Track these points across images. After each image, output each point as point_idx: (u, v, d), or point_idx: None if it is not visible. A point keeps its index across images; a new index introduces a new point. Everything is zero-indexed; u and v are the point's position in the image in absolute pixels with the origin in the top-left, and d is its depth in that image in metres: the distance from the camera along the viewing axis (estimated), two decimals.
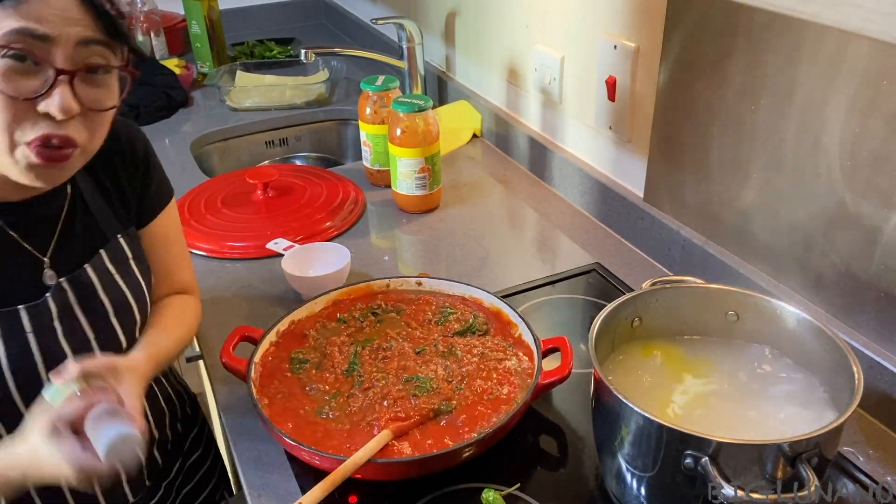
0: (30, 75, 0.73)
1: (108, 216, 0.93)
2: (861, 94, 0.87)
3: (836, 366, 0.78)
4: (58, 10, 0.72)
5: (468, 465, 0.87)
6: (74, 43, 0.74)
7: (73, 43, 0.74)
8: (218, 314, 1.19)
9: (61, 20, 0.73)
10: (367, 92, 1.51)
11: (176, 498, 1.10)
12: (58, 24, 0.72)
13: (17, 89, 0.72)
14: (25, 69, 0.72)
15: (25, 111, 0.73)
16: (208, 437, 1.22)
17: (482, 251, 1.35)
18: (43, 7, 0.72)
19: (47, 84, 0.73)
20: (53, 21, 0.72)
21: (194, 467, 1.16)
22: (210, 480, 1.20)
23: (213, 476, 1.21)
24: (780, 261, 1.04)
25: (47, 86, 0.73)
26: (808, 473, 0.68)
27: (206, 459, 1.19)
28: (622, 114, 1.30)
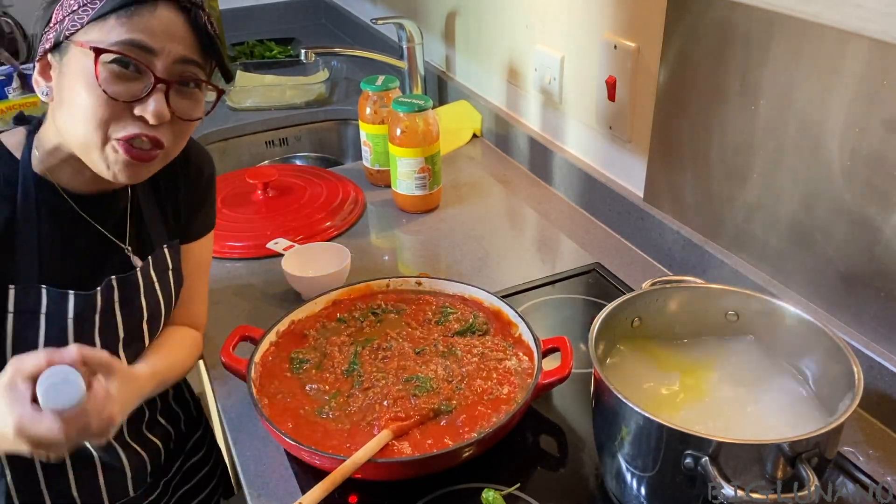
0: (130, 80, 0.79)
1: (159, 226, 0.98)
2: (861, 94, 0.87)
3: (836, 366, 0.78)
4: (165, 26, 0.79)
5: (468, 465, 0.87)
6: (175, 59, 0.80)
7: (173, 58, 0.80)
8: (218, 314, 1.19)
9: (167, 36, 0.79)
10: (367, 92, 1.51)
11: (172, 497, 1.11)
12: (163, 39, 0.79)
13: (118, 92, 0.78)
14: (128, 75, 0.79)
15: (121, 111, 0.79)
16: (210, 440, 1.23)
17: (482, 251, 1.35)
18: (153, 21, 0.78)
19: (146, 90, 0.79)
20: (160, 36, 0.79)
21: (194, 469, 1.16)
22: (209, 483, 1.20)
23: (213, 479, 1.21)
24: (780, 261, 1.04)
25: (145, 92, 0.79)
26: (808, 473, 0.68)
27: (207, 462, 1.20)
28: (622, 114, 1.30)
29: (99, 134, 0.79)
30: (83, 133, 0.80)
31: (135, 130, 0.80)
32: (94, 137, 0.80)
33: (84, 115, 0.79)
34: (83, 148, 0.82)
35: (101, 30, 0.77)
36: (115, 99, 0.78)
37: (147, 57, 0.79)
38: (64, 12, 0.79)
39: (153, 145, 0.82)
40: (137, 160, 0.82)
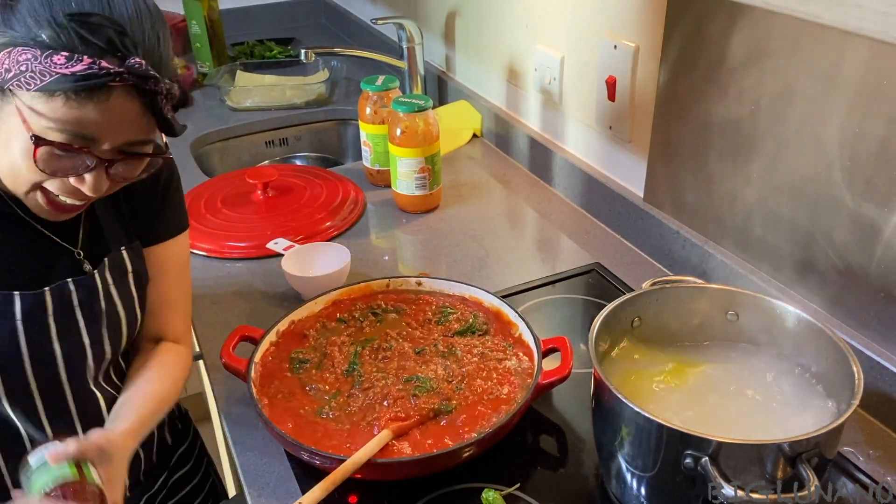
0: (69, 159, 0.76)
1: (116, 227, 0.94)
2: (861, 93, 0.87)
3: (836, 366, 0.78)
4: (118, 116, 0.75)
5: (468, 465, 0.87)
6: (122, 143, 0.77)
7: (121, 143, 0.77)
8: (218, 314, 1.19)
9: (118, 125, 0.75)
10: (367, 92, 1.51)
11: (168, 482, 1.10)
12: (112, 129, 0.75)
13: (56, 168, 0.76)
14: (67, 156, 0.75)
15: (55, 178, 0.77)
16: (199, 452, 1.20)
17: (482, 251, 1.35)
18: (104, 112, 0.74)
19: (85, 169, 0.76)
20: (110, 126, 0.75)
21: (181, 483, 1.14)
22: (197, 496, 1.18)
23: (202, 492, 1.19)
24: (780, 261, 1.04)
25: (84, 170, 0.76)
26: (808, 473, 0.68)
27: (195, 475, 1.17)
28: (622, 114, 1.30)
29: (27, 186, 0.78)
30: (11, 181, 0.79)
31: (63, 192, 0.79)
32: (21, 187, 0.79)
33: (14, 171, 0.77)
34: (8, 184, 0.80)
35: (48, 105, 0.72)
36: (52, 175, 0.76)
37: (92, 144, 0.75)
38: (10, 62, 0.71)
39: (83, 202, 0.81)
40: (61, 211, 0.82)
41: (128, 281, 0.95)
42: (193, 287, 1.14)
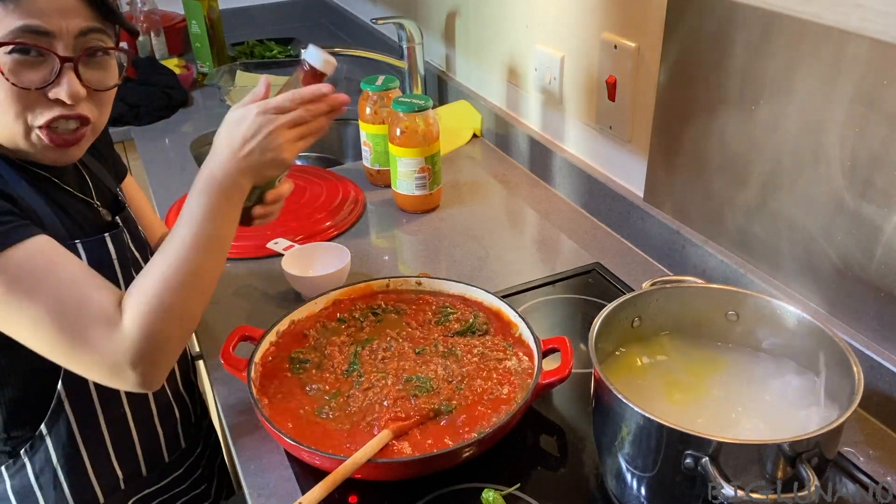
0: (36, 67, 0.78)
1: (106, 173, 1.02)
2: (861, 94, 0.87)
3: (836, 366, 0.78)
4: (56, 3, 0.77)
5: (468, 465, 0.87)
6: (75, 34, 0.79)
7: (73, 34, 0.79)
8: (218, 314, 1.19)
9: (59, 13, 0.78)
10: (367, 92, 1.51)
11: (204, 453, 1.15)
12: (57, 18, 0.77)
13: (27, 81, 0.78)
14: (31, 62, 0.78)
15: (36, 99, 0.79)
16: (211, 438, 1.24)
17: (482, 251, 1.35)
18: (41, 2, 0.76)
19: (54, 73, 0.79)
20: (53, 15, 0.77)
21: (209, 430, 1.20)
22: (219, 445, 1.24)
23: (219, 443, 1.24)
24: (780, 261, 1.04)
25: (54, 74, 0.79)
26: (808, 473, 0.68)
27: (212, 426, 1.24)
28: (622, 114, 1.30)
29: (20, 126, 0.80)
30: (2, 126, 0.80)
31: (53, 113, 0.80)
32: (16, 128, 0.80)
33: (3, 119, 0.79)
34: (8, 139, 0.82)
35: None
36: (26, 88, 0.78)
37: (46, 40, 0.77)
38: None
39: (79, 123, 0.83)
40: (64, 145, 0.84)
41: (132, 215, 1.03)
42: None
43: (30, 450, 0.92)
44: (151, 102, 1.98)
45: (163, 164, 1.76)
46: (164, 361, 0.82)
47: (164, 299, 0.79)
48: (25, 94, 0.78)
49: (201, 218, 0.83)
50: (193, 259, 0.81)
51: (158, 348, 0.79)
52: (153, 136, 1.91)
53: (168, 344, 0.81)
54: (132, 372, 0.78)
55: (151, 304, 0.78)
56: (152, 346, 0.78)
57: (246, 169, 0.85)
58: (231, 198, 0.86)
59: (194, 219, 0.83)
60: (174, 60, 2.27)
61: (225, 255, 0.87)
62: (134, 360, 0.78)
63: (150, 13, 2.29)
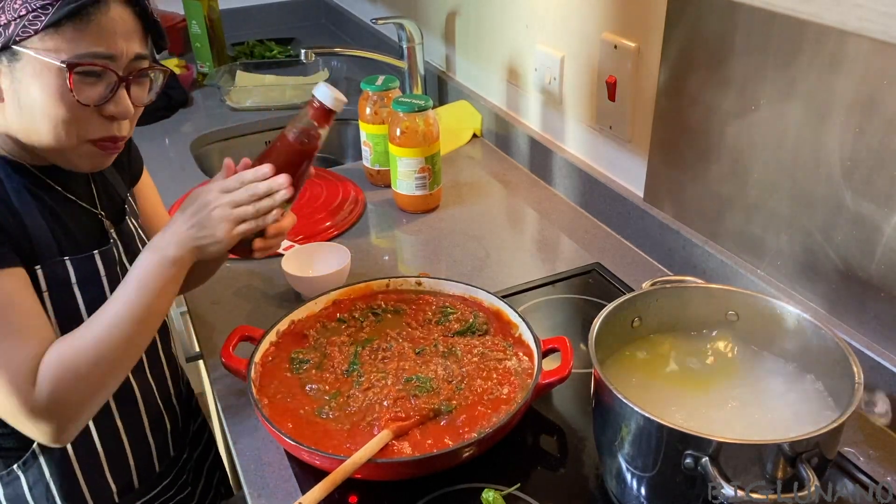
0: (96, 85, 0.82)
1: (118, 178, 1.02)
2: (861, 94, 0.87)
3: (836, 366, 0.78)
4: (120, 27, 0.81)
5: (468, 465, 0.87)
6: (131, 58, 0.83)
7: (130, 57, 0.83)
8: (218, 314, 1.19)
9: (123, 37, 0.81)
10: (367, 92, 1.51)
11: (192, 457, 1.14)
12: (120, 42, 0.81)
13: (89, 98, 0.81)
14: (93, 81, 0.81)
15: (89, 114, 0.83)
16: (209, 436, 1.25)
17: (482, 251, 1.35)
18: (108, 24, 0.80)
19: (110, 91, 0.82)
20: (117, 39, 0.81)
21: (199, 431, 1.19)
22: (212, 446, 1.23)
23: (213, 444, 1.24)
24: (780, 261, 1.04)
25: (110, 92, 0.82)
26: (808, 473, 0.68)
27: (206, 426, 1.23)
28: (622, 114, 1.30)
29: (71, 139, 0.83)
30: (54, 139, 0.82)
31: (105, 133, 0.84)
32: (68, 142, 0.83)
33: (53, 123, 0.81)
34: (53, 150, 0.84)
35: (59, 39, 0.78)
36: (86, 105, 0.81)
37: (108, 62, 0.81)
38: (8, 16, 0.77)
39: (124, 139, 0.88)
40: (111, 152, 0.88)
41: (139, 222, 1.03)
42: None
43: (23, 465, 0.92)
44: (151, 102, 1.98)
45: (163, 164, 1.76)
46: (73, 422, 0.84)
47: (81, 370, 0.81)
48: (82, 109, 0.81)
49: (138, 287, 0.85)
50: (119, 335, 0.83)
51: (67, 412, 0.82)
52: (153, 136, 1.91)
53: (79, 408, 0.83)
54: (40, 428, 0.81)
55: (67, 371, 0.80)
56: (61, 409, 0.81)
57: (187, 243, 0.87)
58: (170, 270, 0.86)
59: (131, 289, 0.85)
60: (174, 60, 2.27)
61: (156, 327, 0.89)
62: (42, 419, 0.80)
63: None
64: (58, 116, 0.81)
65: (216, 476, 1.22)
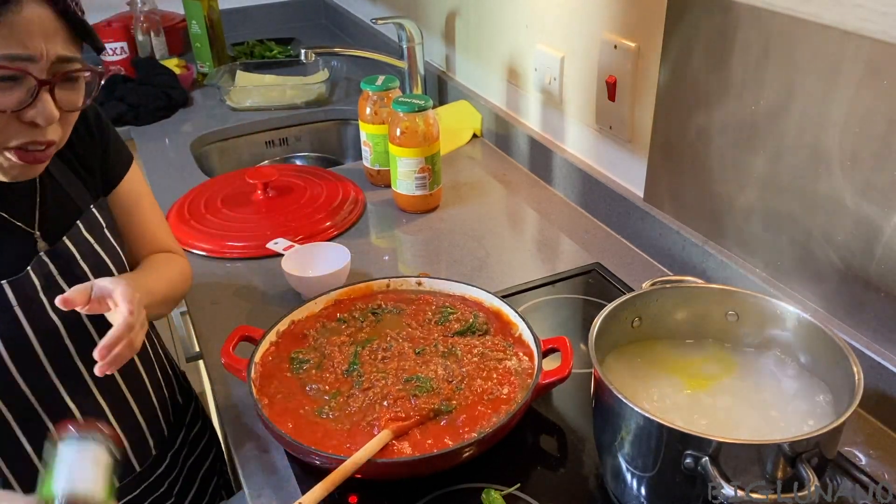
0: (13, 89, 0.76)
1: (79, 188, 0.97)
2: (861, 94, 0.87)
3: (836, 366, 0.78)
4: (36, 26, 0.76)
5: (468, 465, 0.87)
6: (52, 59, 0.78)
7: (51, 59, 0.78)
8: (218, 314, 1.19)
9: (40, 36, 0.76)
10: (367, 92, 1.51)
11: (182, 468, 1.12)
12: (37, 42, 0.76)
13: (4, 103, 0.76)
14: (8, 85, 0.76)
15: (8, 120, 0.78)
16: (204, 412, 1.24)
17: (482, 251, 1.35)
18: (22, 24, 0.75)
19: (31, 95, 0.77)
20: (33, 39, 0.76)
21: (196, 439, 1.17)
22: (210, 451, 1.22)
23: (213, 448, 1.23)
24: (781, 261, 1.04)
25: (31, 97, 0.77)
26: (808, 473, 0.68)
27: (205, 432, 1.21)
28: (622, 114, 1.30)
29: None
30: None
31: (27, 138, 0.79)
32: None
33: None
34: None
35: None
36: (3, 111, 0.76)
37: (25, 64, 0.76)
38: None
39: (48, 146, 0.82)
40: (33, 163, 0.82)
41: (107, 236, 0.98)
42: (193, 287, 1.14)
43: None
44: (151, 102, 1.98)
45: (163, 164, 1.76)
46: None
47: None
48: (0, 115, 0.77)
49: None
50: None
51: None
52: (153, 136, 1.91)
53: None
54: None
55: None
56: None
57: None
58: None
59: None
60: (174, 60, 2.27)
61: None
62: None
63: (150, 13, 2.29)
64: None
65: (214, 482, 1.22)
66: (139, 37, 2.26)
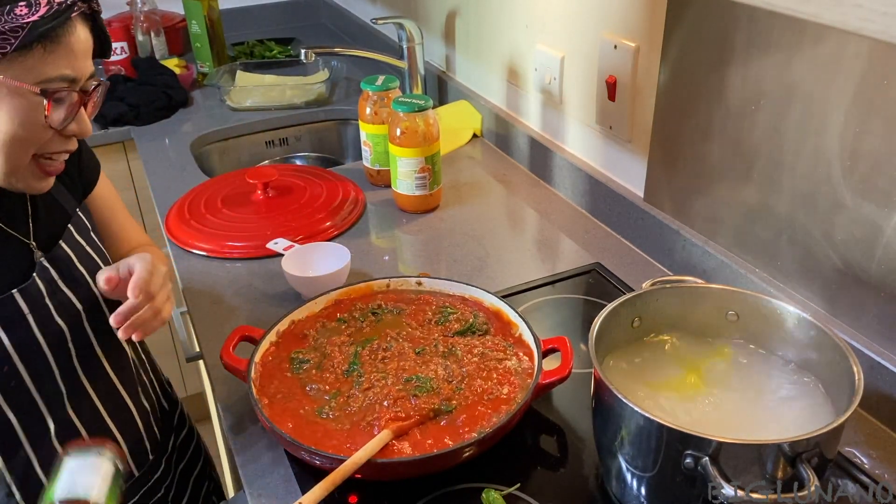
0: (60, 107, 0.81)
1: (64, 193, 0.98)
2: (861, 94, 0.87)
3: (836, 366, 0.78)
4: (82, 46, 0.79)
5: (468, 465, 0.87)
6: (88, 76, 0.82)
7: (87, 75, 0.82)
8: (218, 314, 1.19)
9: (84, 56, 0.80)
10: (367, 92, 1.51)
11: (175, 473, 1.12)
12: (82, 62, 0.80)
13: (55, 121, 0.80)
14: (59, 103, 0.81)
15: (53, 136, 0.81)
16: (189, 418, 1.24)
17: (482, 251, 1.35)
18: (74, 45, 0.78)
19: (73, 111, 0.81)
20: (80, 59, 0.79)
21: (184, 444, 1.18)
22: (199, 456, 1.22)
23: (201, 453, 1.23)
24: (781, 261, 1.04)
25: (74, 113, 0.81)
26: (808, 473, 0.68)
27: (192, 438, 1.22)
28: (622, 114, 1.30)
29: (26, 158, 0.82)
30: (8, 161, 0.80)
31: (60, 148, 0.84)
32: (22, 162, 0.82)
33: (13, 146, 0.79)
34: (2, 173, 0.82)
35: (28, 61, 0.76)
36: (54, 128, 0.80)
37: (75, 84, 0.81)
38: None
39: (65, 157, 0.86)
40: (54, 173, 0.86)
41: (93, 237, 0.99)
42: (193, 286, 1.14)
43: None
44: (151, 102, 1.98)
45: (163, 164, 1.76)
46: None
47: None
48: (46, 131, 0.80)
49: None
50: None
51: None
52: (153, 136, 1.91)
53: None
54: None
55: None
56: None
57: None
58: None
59: None
60: (174, 60, 2.27)
61: None
62: None
63: (150, 13, 2.29)
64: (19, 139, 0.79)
65: (205, 486, 1.22)
66: (139, 37, 2.26)
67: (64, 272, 0.92)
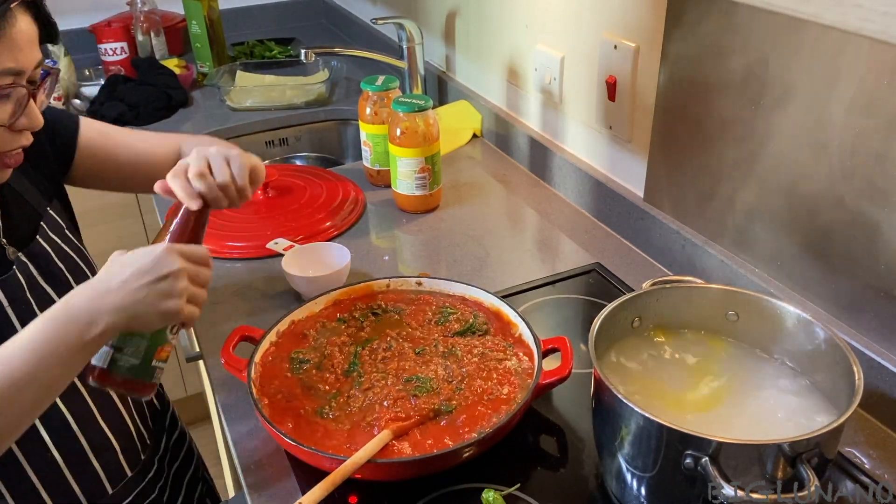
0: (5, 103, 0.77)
1: (33, 192, 0.96)
2: (861, 94, 0.87)
3: (836, 366, 0.78)
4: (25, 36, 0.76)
5: (468, 465, 0.87)
6: (34, 65, 0.79)
7: (34, 65, 0.79)
8: (218, 314, 1.19)
9: (28, 46, 0.77)
10: (367, 92, 1.51)
11: (168, 474, 1.12)
12: (27, 53, 0.77)
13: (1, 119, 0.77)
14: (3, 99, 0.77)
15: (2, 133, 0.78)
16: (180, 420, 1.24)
17: (482, 251, 1.35)
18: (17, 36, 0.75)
19: (22, 105, 0.78)
20: (24, 51, 0.76)
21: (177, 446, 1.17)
22: (192, 458, 1.21)
23: (194, 455, 1.23)
24: (780, 261, 1.04)
25: (22, 107, 0.78)
26: (808, 473, 0.68)
27: (185, 439, 1.21)
28: (622, 114, 1.30)
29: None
30: None
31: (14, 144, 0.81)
32: None
33: None
34: None
35: None
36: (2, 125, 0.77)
37: (19, 77, 0.77)
38: None
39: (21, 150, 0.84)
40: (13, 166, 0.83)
41: (68, 235, 0.97)
42: None
43: None
44: (151, 102, 1.98)
45: None
46: None
47: None
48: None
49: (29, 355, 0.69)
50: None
51: None
52: None
53: None
54: None
55: None
56: None
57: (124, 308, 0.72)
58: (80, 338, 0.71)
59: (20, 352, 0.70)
60: (174, 60, 2.27)
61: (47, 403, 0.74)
62: None
63: (150, 13, 2.29)
64: None
65: (199, 488, 1.21)
66: (139, 37, 2.26)
67: (43, 268, 0.91)
